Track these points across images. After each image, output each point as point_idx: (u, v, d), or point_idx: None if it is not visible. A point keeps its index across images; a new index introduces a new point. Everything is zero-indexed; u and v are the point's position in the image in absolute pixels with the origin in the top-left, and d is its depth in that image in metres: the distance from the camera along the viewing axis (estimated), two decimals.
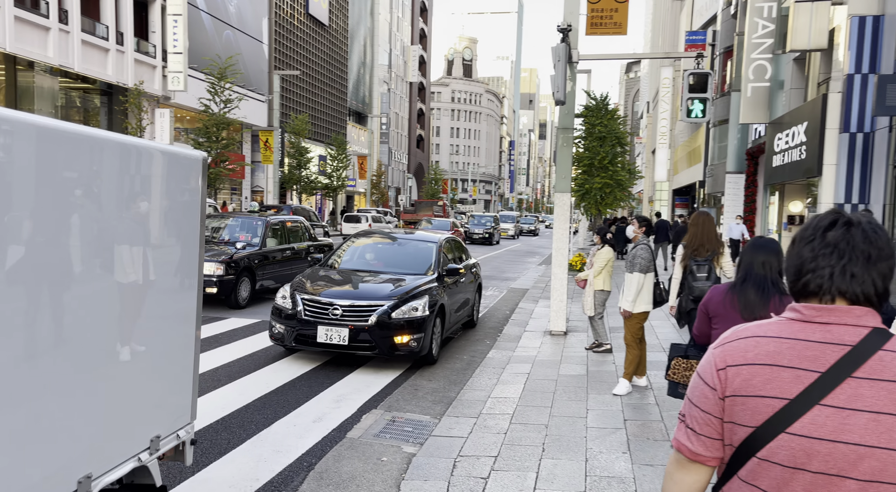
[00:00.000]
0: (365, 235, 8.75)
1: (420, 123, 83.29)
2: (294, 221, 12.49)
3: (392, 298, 6.64)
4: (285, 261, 11.61)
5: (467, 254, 9.29)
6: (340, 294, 6.69)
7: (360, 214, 34.80)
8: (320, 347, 6.49)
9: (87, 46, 26.25)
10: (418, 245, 8.15)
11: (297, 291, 6.81)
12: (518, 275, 17.59)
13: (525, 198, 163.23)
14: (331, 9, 50.07)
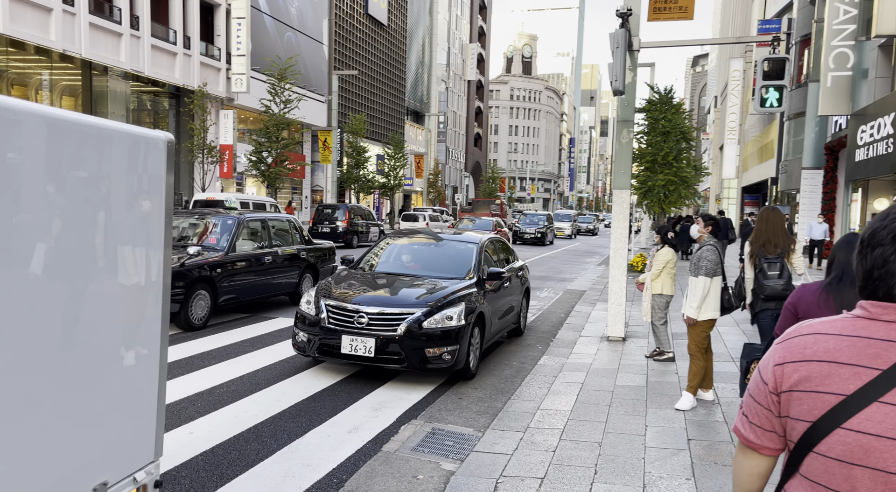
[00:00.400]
0: (401, 235, 8.03)
1: (478, 122, 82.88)
2: (279, 219, 10.30)
3: (424, 305, 6.04)
4: (264, 270, 9.38)
5: (513, 256, 8.61)
6: (368, 300, 6.13)
7: (417, 213, 34.51)
8: (345, 359, 5.95)
9: (157, 51, 27.16)
10: (457, 246, 7.50)
11: (322, 296, 6.27)
12: (575, 275, 16.99)
13: (585, 196, 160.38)
14: (390, 8, 50.31)
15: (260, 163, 27.05)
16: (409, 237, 7.94)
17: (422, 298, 6.19)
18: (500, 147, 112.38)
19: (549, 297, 12.64)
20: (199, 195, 17.88)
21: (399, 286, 6.59)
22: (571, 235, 38.51)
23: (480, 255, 7.20)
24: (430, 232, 8.34)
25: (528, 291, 8.83)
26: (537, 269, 18.39)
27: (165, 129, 31.93)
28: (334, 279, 6.87)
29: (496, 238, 8.18)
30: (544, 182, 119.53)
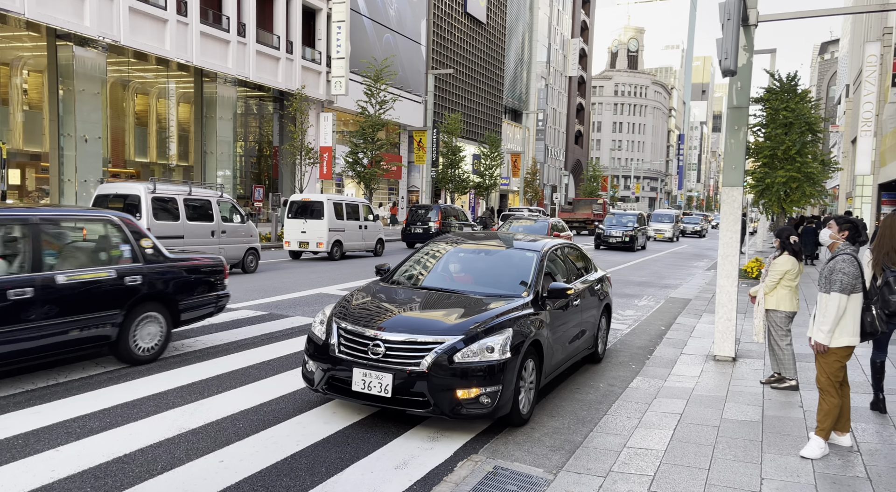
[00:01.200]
0: (448, 240, 6.67)
1: (579, 119, 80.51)
2: (82, 219, 5.99)
3: (459, 332, 4.71)
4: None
5: (589, 265, 7.26)
6: (390, 324, 4.86)
7: (516, 213, 33.49)
8: (357, 399, 4.69)
9: (261, 56, 28.12)
10: (512, 255, 6.16)
11: (337, 317, 5.09)
12: (680, 281, 15.56)
13: (695, 195, 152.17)
14: (489, 6, 49.74)
15: (356, 164, 27.29)
16: (456, 243, 6.54)
17: (458, 322, 4.85)
18: (603, 145, 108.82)
19: (649, 306, 11.49)
20: (295, 197, 18.13)
21: (433, 306, 5.35)
22: (673, 238, 34.15)
23: (541, 266, 5.86)
24: (486, 236, 7.07)
25: (608, 309, 7.36)
26: (636, 273, 17.07)
27: (270, 132, 33.11)
28: (356, 295, 5.63)
29: (566, 244, 6.84)
30: (650, 180, 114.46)
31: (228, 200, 13.42)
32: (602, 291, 7.16)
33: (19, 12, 18.19)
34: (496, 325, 4.87)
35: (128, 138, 29.54)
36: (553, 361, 5.61)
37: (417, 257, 6.46)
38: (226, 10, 26.11)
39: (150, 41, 22.62)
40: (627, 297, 12.46)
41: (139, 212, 11.13)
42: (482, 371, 4.58)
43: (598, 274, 7.32)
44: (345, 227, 17.62)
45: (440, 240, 6.70)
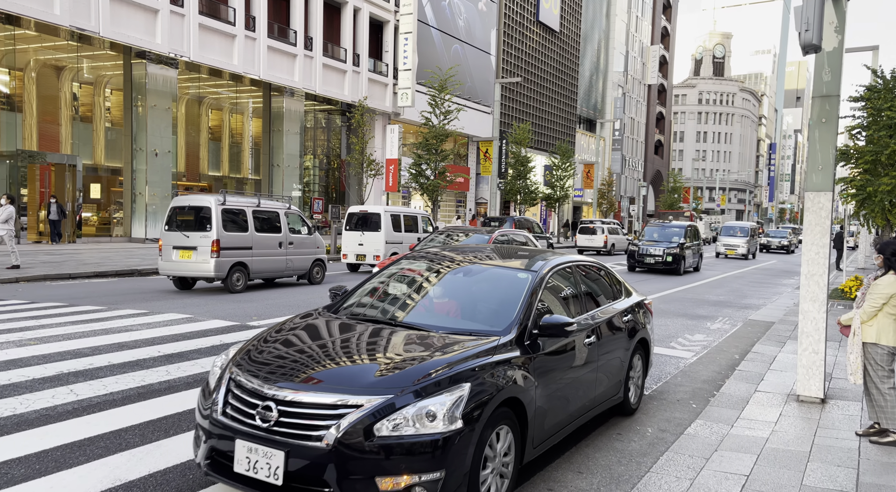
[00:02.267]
0: (424, 255, 5.21)
1: (659, 128, 77.43)
2: None
3: (388, 389, 3.22)
4: None
5: (619, 289, 5.73)
6: (293, 372, 3.42)
7: (594, 225, 31.99)
8: (240, 485, 3.20)
9: (328, 69, 28.32)
10: (501, 277, 4.62)
11: (236, 362, 3.64)
12: (763, 301, 13.92)
13: (788, 207, 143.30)
14: (563, 14, 48.59)
15: (419, 176, 26.82)
16: (433, 259, 5.09)
17: (391, 374, 3.34)
18: (686, 155, 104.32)
19: (723, 330, 10.13)
20: (353, 208, 17.83)
21: (370, 347, 3.78)
22: (748, 255, 29.62)
23: (535, 292, 4.30)
24: (477, 250, 5.50)
25: (643, 346, 5.77)
26: (713, 292, 15.50)
27: (337, 145, 33.31)
28: (280, 328, 4.17)
29: (584, 263, 5.35)
30: (738, 192, 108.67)
31: (296, 212, 13.54)
32: (634, 323, 5.56)
33: (94, 31, 18.89)
34: (448, 378, 3.30)
35: (201, 152, 30.46)
36: (547, 424, 4.05)
37: (382, 277, 4.96)
38: (293, 24, 26.44)
39: (218, 57, 23.10)
40: (699, 318, 11.11)
41: (210, 223, 11.47)
42: (417, 449, 3.05)
43: (630, 301, 5.73)
44: (403, 239, 17.26)
45: (418, 254, 5.25)
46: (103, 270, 13.92)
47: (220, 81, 26.90)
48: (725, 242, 29.41)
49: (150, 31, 20.58)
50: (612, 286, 5.66)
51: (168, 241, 11.72)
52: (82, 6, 18.43)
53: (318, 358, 3.61)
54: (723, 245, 29.39)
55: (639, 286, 15.64)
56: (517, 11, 42.80)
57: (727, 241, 29.50)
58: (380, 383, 3.26)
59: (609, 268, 5.86)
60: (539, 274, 4.54)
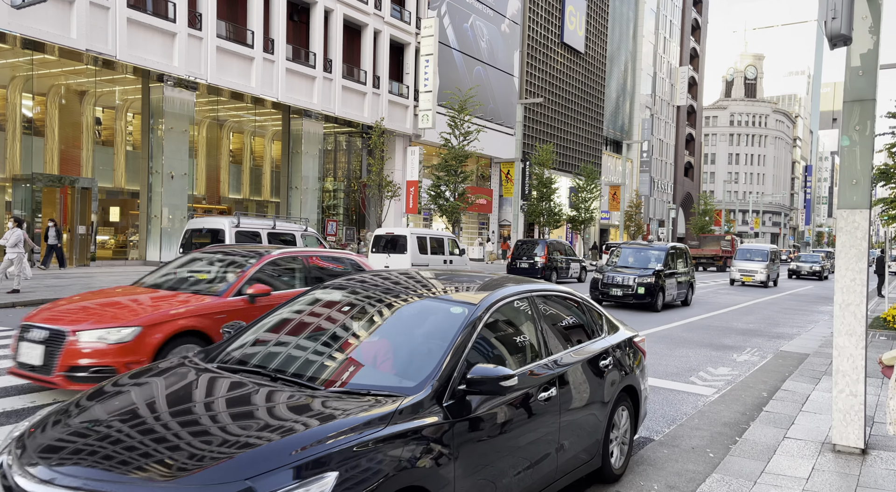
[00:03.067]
0: (342, 285, 3.92)
1: (689, 150, 76.09)
2: None
3: (198, 486, 2.15)
4: None
5: (597, 324, 4.54)
6: (67, 462, 2.35)
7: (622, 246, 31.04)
8: None
9: (347, 91, 28.20)
10: (427, 311, 3.53)
11: (16, 442, 2.58)
12: (797, 330, 12.90)
13: (825, 231, 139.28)
14: (587, 36, 48.18)
15: (438, 197, 26.34)
16: (354, 289, 3.82)
17: (215, 464, 2.25)
18: (717, 177, 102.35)
19: (750, 362, 9.23)
20: (379, 231, 17.77)
21: (215, 416, 2.67)
22: (767, 282, 25.90)
23: (470, 333, 3.20)
24: (411, 277, 4.14)
25: (632, 394, 4.66)
26: (743, 319, 14.50)
27: (358, 167, 33.11)
28: (114, 382, 3.07)
29: (548, 291, 4.16)
30: (772, 215, 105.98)
31: (313, 234, 13.35)
32: (618, 367, 4.38)
33: (111, 54, 18.97)
34: (307, 463, 2.27)
35: (222, 175, 30.49)
36: None
37: (285, 312, 3.76)
38: (312, 46, 26.42)
39: (236, 79, 23.08)
40: (724, 349, 10.21)
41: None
42: None
43: (614, 339, 4.53)
44: (429, 262, 17.11)
45: (335, 284, 3.95)
46: None
47: (239, 104, 26.94)
48: (741, 267, 25.98)
49: (168, 54, 20.64)
50: (590, 321, 4.48)
51: None
52: (99, 30, 18.53)
53: (123, 440, 2.42)
54: (738, 271, 26.02)
55: (652, 316, 14.72)
56: (541, 33, 42.50)
57: (743, 266, 25.99)
58: (187, 484, 2.12)
59: (586, 299, 4.64)
60: (479, 308, 3.34)
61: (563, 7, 44.29)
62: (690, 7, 73.52)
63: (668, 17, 66.89)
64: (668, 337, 11.16)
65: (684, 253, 17.82)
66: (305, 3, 26.23)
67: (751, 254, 26.43)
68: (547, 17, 42.98)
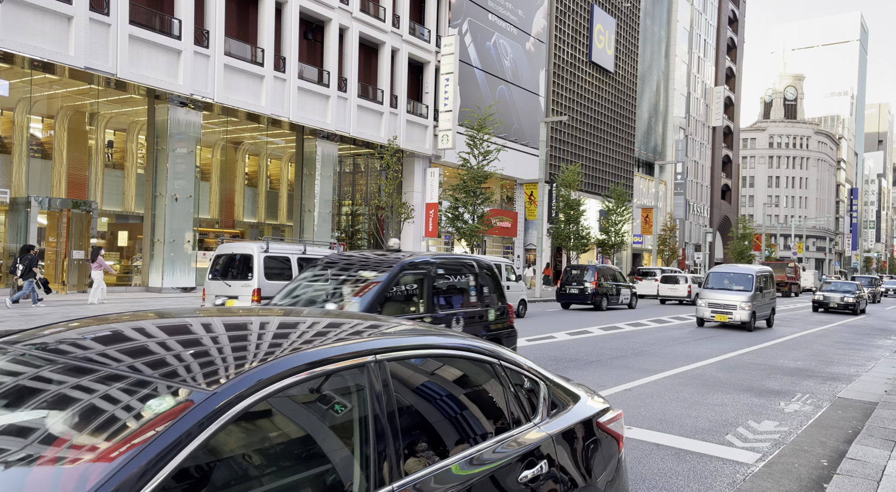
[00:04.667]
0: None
1: (725, 172, 73.49)
2: None
3: None
4: None
5: (537, 401, 2.59)
6: None
7: (676, 275, 30.20)
8: None
9: (363, 111, 27.25)
10: (110, 398, 1.66)
11: None
12: (855, 370, 11.04)
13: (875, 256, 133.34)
14: (617, 54, 46.81)
15: (456, 219, 25.02)
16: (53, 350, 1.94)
17: None
18: (757, 200, 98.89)
19: (802, 413, 7.51)
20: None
21: None
22: (751, 322, 16.94)
23: (184, 451, 1.44)
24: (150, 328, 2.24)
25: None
26: (789, 355, 12.65)
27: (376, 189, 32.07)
28: None
29: (396, 350, 2.13)
30: (816, 240, 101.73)
31: None
32: (560, 479, 2.43)
33: (111, 72, 18.33)
34: None
35: (236, 198, 29.78)
36: None
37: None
38: (326, 65, 25.63)
39: (245, 98, 22.31)
40: (768, 395, 8.50)
41: (251, 272, 11.21)
42: None
43: (553, 426, 2.53)
44: None
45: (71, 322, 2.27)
46: None
47: (252, 125, 26.25)
48: (713, 299, 17.23)
49: (173, 72, 19.96)
50: (511, 398, 2.47)
51: (211, 290, 11.48)
52: (99, 47, 17.92)
53: None
54: (707, 305, 17.26)
55: (691, 348, 12.99)
56: (568, 51, 41.29)
57: (715, 298, 17.24)
58: None
59: (512, 356, 2.61)
60: (219, 398, 1.56)
61: (591, 25, 43.09)
62: (725, 26, 71.67)
63: (703, 37, 65.16)
64: (699, 378, 9.49)
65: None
66: (319, 21, 25.53)
67: (728, 280, 17.70)
68: (574, 35, 41.81)
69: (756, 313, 17.32)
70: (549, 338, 13.56)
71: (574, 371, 9.55)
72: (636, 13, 49.36)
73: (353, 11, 26.35)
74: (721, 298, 17.21)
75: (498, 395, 2.48)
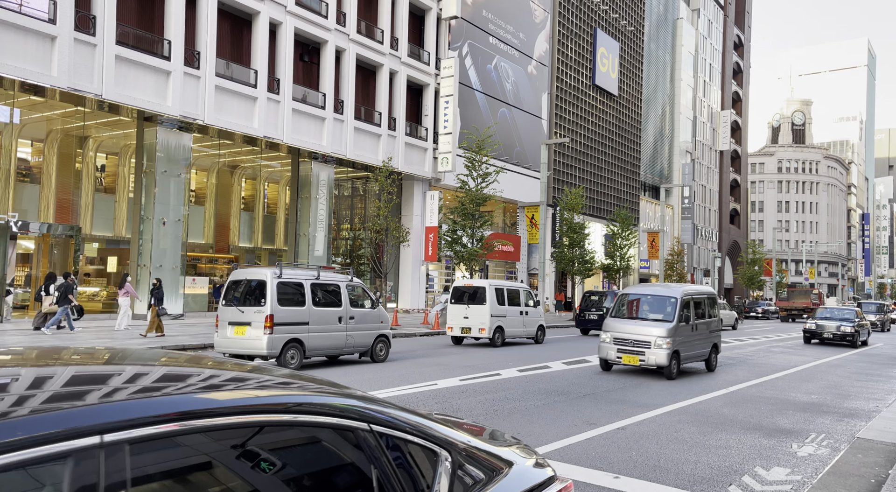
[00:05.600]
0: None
1: (734, 196, 72.58)
2: None
3: None
4: None
5: (428, 470, 1.81)
6: None
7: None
8: None
9: (360, 133, 26.76)
10: None
11: None
12: (874, 404, 10.09)
13: (889, 282, 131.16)
14: (621, 78, 46.44)
15: (454, 243, 24.29)
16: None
17: None
18: (766, 225, 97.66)
19: (818, 458, 6.61)
20: (458, 283, 17.80)
21: None
22: (670, 367, 11.80)
23: None
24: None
25: None
26: (802, 387, 11.69)
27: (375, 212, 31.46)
28: None
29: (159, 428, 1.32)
30: (828, 265, 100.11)
31: (359, 285, 12.70)
32: None
33: (96, 93, 17.92)
34: None
35: (232, 222, 29.22)
36: None
37: None
38: (322, 87, 25.24)
39: (237, 119, 21.86)
40: (779, 435, 7.60)
41: (264, 298, 11.05)
42: None
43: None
44: (506, 313, 17.31)
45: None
46: None
47: (246, 147, 25.81)
48: (619, 332, 12.26)
49: (161, 93, 19.54)
50: (388, 481, 1.66)
51: (224, 316, 11.43)
52: (84, 68, 17.54)
53: None
54: (612, 341, 12.28)
55: (695, 380, 12.05)
56: (571, 75, 40.93)
57: (622, 330, 12.24)
58: None
59: (396, 413, 1.85)
60: None
61: (595, 49, 42.81)
62: (731, 51, 71.49)
63: (708, 61, 64.90)
64: (701, 414, 8.60)
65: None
66: (315, 42, 25.22)
67: (647, 307, 12.64)
68: (577, 58, 41.49)
69: (680, 353, 11.95)
70: (545, 368, 12.68)
71: (563, 406, 8.69)
72: (640, 37, 49.14)
73: (351, 33, 26.06)
74: (631, 332, 11.97)
75: (362, 483, 1.67)
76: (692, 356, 12.67)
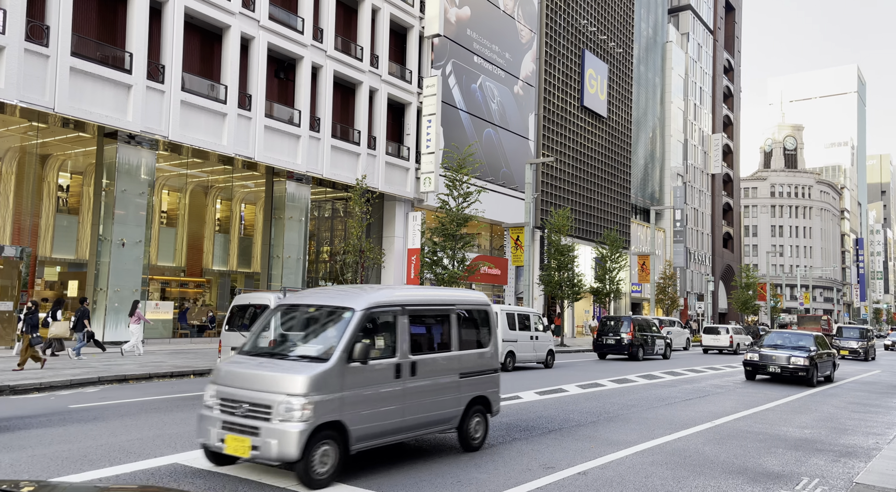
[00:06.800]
0: None
1: (727, 220, 71.94)
2: None
3: None
4: None
5: None
6: None
7: (717, 326, 32.12)
8: None
9: (338, 152, 25.86)
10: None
11: None
12: (874, 441, 9.00)
13: (884, 307, 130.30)
14: (610, 100, 45.96)
15: (434, 265, 23.26)
16: None
17: None
18: (760, 250, 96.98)
19: None
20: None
21: None
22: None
23: None
24: None
25: None
26: (795, 420, 10.60)
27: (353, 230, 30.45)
28: None
29: None
30: (823, 290, 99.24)
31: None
32: None
33: (48, 106, 16.99)
34: None
35: (205, 245, 28.17)
36: None
37: None
38: (298, 104, 24.41)
39: (203, 136, 20.94)
40: (766, 480, 6.51)
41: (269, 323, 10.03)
42: None
43: None
44: (517, 337, 17.34)
45: None
46: None
47: (219, 167, 24.90)
48: (231, 386, 6.03)
49: (121, 108, 18.62)
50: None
51: (228, 341, 11.20)
52: (35, 80, 16.64)
53: None
54: (217, 403, 5.98)
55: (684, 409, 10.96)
56: (558, 96, 40.38)
57: (242, 380, 6.07)
58: None
59: None
60: None
61: (583, 70, 42.37)
62: (721, 75, 71.54)
63: (698, 84, 64.79)
64: (680, 454, 7.49)
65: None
66: (291, 58, 24.47)
67: (300, 328, 7.44)
68: (564, 79, 40.99)
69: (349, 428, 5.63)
70: (515, 398, 11.57)
71: (522, 443, 7.58)
72: (629, 59, 48.85)
73: (328, 50, 25.34)
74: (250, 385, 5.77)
75: None
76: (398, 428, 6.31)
